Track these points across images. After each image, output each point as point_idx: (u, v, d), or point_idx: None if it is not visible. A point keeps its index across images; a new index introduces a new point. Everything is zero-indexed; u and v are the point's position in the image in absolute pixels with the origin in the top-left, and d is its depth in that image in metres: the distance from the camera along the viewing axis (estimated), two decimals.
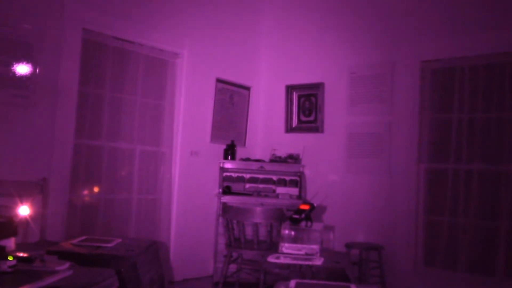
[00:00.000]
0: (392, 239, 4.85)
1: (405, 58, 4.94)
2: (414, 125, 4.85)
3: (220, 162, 5.47)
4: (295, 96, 5.86)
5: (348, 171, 5.29)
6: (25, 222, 3.57)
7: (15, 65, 3.91)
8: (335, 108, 5.48)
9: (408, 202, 4.82)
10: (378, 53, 5.17)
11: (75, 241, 3.17)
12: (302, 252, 3.32)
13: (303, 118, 5.79)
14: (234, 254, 4.74)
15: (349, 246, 4.76)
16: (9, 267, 1.89)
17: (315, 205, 3.65)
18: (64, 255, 2.63)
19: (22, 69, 3.94)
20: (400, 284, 4.73)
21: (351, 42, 5.40)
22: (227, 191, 5.36)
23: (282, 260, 3.13)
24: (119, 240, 3.29)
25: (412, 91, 4.87)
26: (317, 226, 3.53)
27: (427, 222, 4.80)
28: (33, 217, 3.65)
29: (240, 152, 5.70)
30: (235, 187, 5.44)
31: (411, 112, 4.87)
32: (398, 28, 5.03)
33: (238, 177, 5.49)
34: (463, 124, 4.59)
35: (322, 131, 5.57)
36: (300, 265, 3.08)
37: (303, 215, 3.52)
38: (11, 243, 1.90)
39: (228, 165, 5.48)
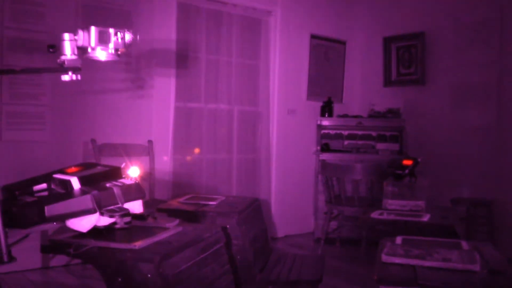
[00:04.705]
0: (501, 194, 4.56)
1: None
2: None
3: (317, 120, 5.41)
4: (393, 48, 5.60)
5: (452, 123, 5.02)
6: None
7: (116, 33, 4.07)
8: (437, 58, 5.18)
9: None
10: None
11: (181, 199, 3.31)
12: (407, 208, 3.23)
13: (403, 71, 5.54)
14: (335, 211, 4.72)
15: (455, 201, 4.56)
16: (126, 223, 2.01)
17: (419, 160, 3.52)
18: (172, 213, 2.76)
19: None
20: None
21: None
22: (325, 148, 5.31)
23: (386, 216, 3.06)
24: (223, 197, 3.38)
25: None
26: (421, 181, 3.41)
27: None
28: (142, 178, 3.85)
29: (337, 108, 5.59)
30: (333, 144, 5.37)
31: None
32: None
33: (336, 134, 5.41)
34: None
35: (423, 83, 5.31)
36: (405, 222, 3.00)
37: (406, 171, 3.42)
38: (139, 205, 2.02)
39: (326, 122, 5.41)
